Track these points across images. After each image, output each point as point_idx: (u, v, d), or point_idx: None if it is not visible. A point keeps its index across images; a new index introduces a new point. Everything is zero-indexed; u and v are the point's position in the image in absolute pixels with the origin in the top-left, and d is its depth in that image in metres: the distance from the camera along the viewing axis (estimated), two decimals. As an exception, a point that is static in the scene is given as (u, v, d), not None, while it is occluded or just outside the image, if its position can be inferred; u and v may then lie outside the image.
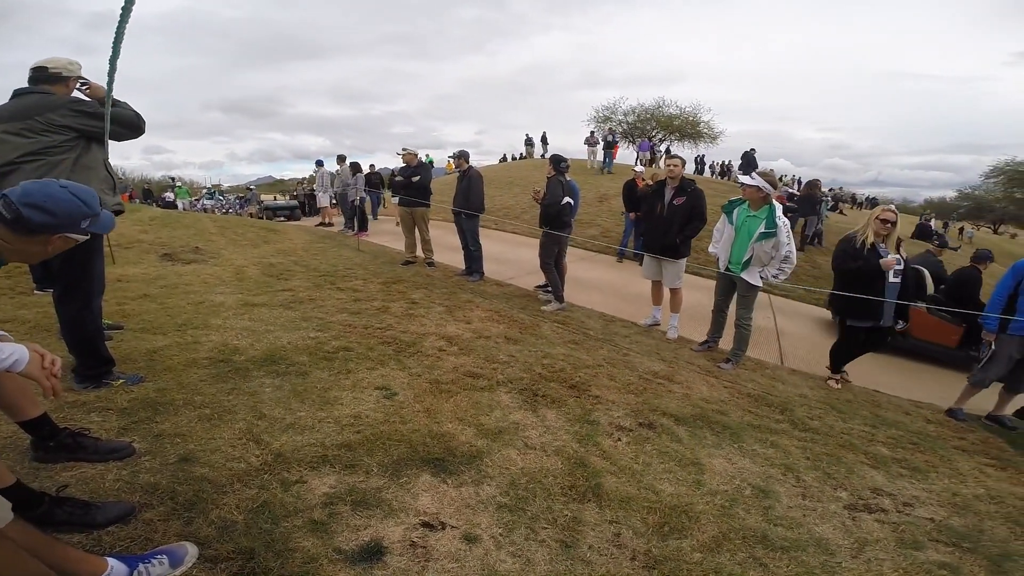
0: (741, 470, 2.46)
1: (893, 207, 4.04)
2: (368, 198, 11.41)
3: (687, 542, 1.83)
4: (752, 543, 1.89)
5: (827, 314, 7.16)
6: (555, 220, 5.36)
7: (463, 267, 6.84)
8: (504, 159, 31.23)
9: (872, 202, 32.40)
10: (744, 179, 4.20)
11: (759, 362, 4.85)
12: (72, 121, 2.37)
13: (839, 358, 4.48)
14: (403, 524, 1.69)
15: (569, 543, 1.72)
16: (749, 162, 15.89)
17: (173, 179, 18.45)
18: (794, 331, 6.20)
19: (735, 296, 4.40)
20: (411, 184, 6.89)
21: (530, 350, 3.74)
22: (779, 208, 4.12)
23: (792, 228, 4.53)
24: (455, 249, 7.21)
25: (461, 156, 6.65)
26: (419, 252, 7.22)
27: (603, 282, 7.42)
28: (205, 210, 19.37)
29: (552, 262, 5.53)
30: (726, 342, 4.66)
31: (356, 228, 10.30)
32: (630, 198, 8.54)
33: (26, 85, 2.46)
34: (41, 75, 2.47)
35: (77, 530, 1.52)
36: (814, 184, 11.37)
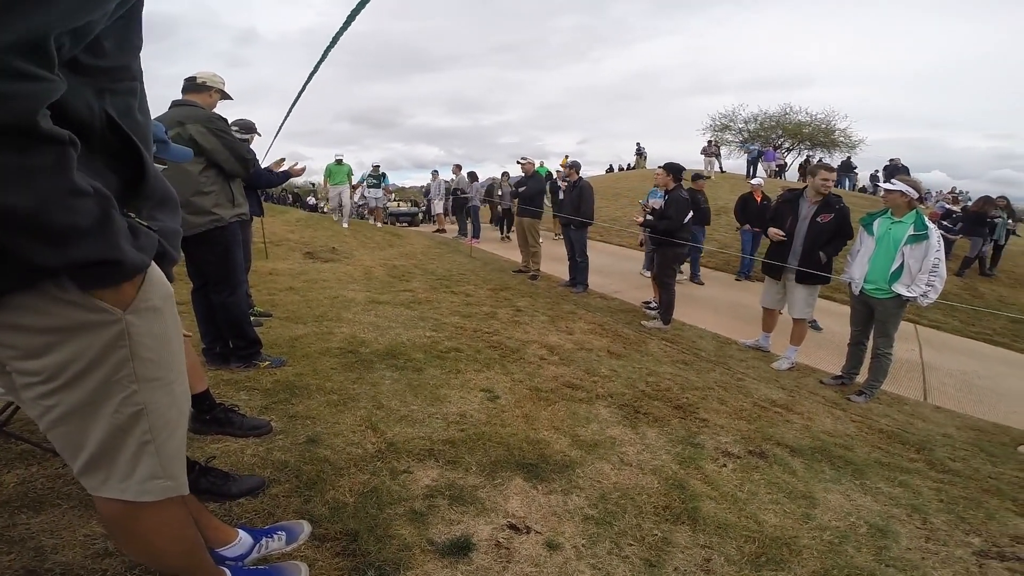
0: (859, 507, 2.21)
1: None
2: (481, 206, 11.77)
3: (783, 575, 1.69)
4: (856, 582, 1.70)
5: (988, 351, 6.12)
6: (671, 236, 5.14)
7: (567, 278, 6.85)
8: (611, 169, 30.58)
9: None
10: (885, 185, 3.83)
11: (897, 397, 4.27)
12: (201, 139, 2.45)
13: None
14: (492, 524, 1.75)
15: (654, 563, 1.66)
16: (891, 172, 14.10)
17: (339, 158, 10.65)
18: (943, 366, 5.32)
19: (873, 324, 3.93)
20: (518, 194, 7.09)
21: (634, 366, 3.67)
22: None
23: (949, 251, 3.96)
24: (560, 259, 7.27)
25: (572, 167, 6.70)
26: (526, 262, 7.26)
27: (719, 301, 6.96)
28: (364, 204, 13.28)
29: (672, 280, 5.29)
30: (862, 377, 4.17)
31: (470, 235, 10.81)
32: (744, 212, 7.98)
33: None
34: (189, 84, 2.63)
35: (213, 499, 1.64)
36: (988, 200, 9.74)
